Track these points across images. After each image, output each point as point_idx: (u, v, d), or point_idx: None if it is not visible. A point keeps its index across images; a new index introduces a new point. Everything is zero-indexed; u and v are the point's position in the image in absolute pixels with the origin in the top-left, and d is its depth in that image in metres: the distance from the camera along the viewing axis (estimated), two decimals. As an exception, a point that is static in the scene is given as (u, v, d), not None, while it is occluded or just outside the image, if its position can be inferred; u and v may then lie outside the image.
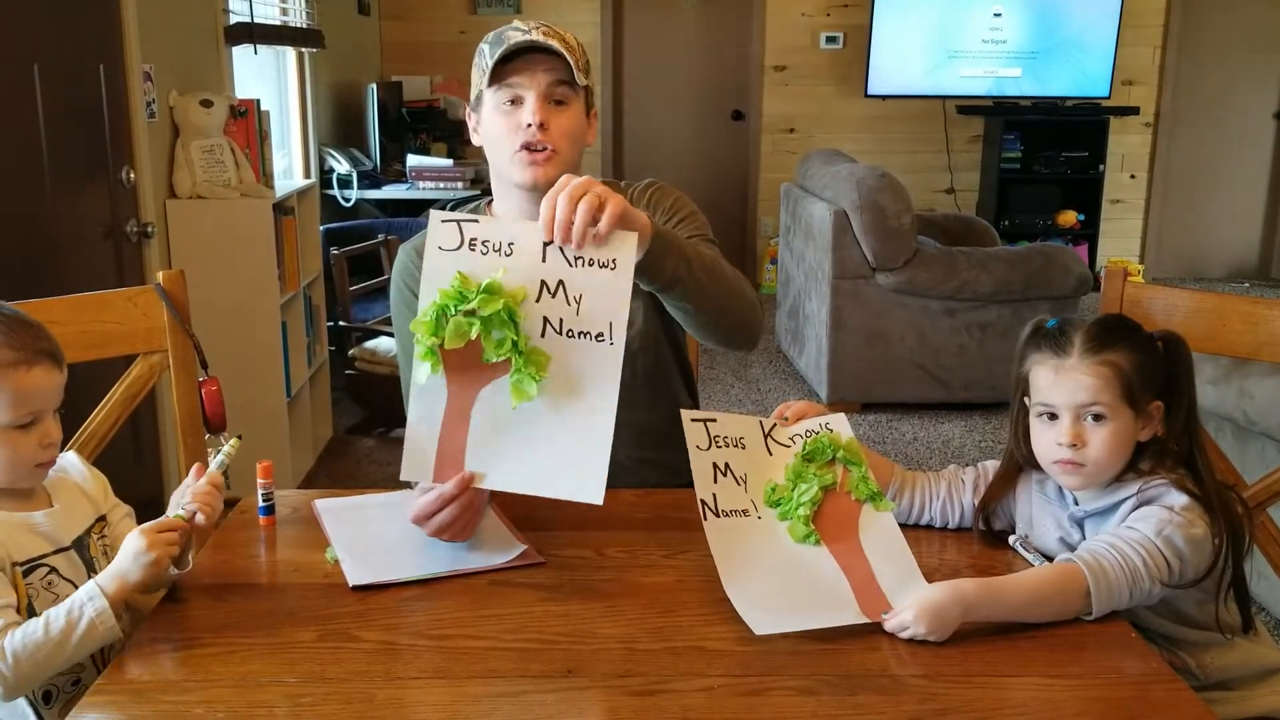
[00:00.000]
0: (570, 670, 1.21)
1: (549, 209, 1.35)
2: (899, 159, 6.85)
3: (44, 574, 1.31)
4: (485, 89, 1.65)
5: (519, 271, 1.36)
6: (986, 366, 4.54)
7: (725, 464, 1.44)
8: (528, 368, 1.35)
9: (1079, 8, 6.76)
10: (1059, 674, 1.22)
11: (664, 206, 1.80)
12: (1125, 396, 1.38)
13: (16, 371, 1.27)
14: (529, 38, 1.61)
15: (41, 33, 2.70)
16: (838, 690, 1.18)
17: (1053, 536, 1.47)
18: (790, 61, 7.04)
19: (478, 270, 1.36)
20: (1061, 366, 1.40)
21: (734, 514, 1.41)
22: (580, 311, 1.36)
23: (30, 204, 2.65)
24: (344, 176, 5.19)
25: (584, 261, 1.37)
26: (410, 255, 1.78)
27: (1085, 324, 1.43)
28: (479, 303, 1.33)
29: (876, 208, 4.38)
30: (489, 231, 1.38)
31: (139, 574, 1.25)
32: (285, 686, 1.18)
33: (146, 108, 3.17)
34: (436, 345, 1.36)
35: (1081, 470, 1.41)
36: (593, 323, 1.37)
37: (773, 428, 1.52)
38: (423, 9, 6.79)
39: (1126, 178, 7.31)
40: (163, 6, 3.32)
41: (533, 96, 1.62)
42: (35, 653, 1.20)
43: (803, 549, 1.41)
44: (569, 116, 1.66)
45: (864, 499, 1.47)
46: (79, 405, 1.70)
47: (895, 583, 1.36)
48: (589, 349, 1.37)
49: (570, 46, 1.64)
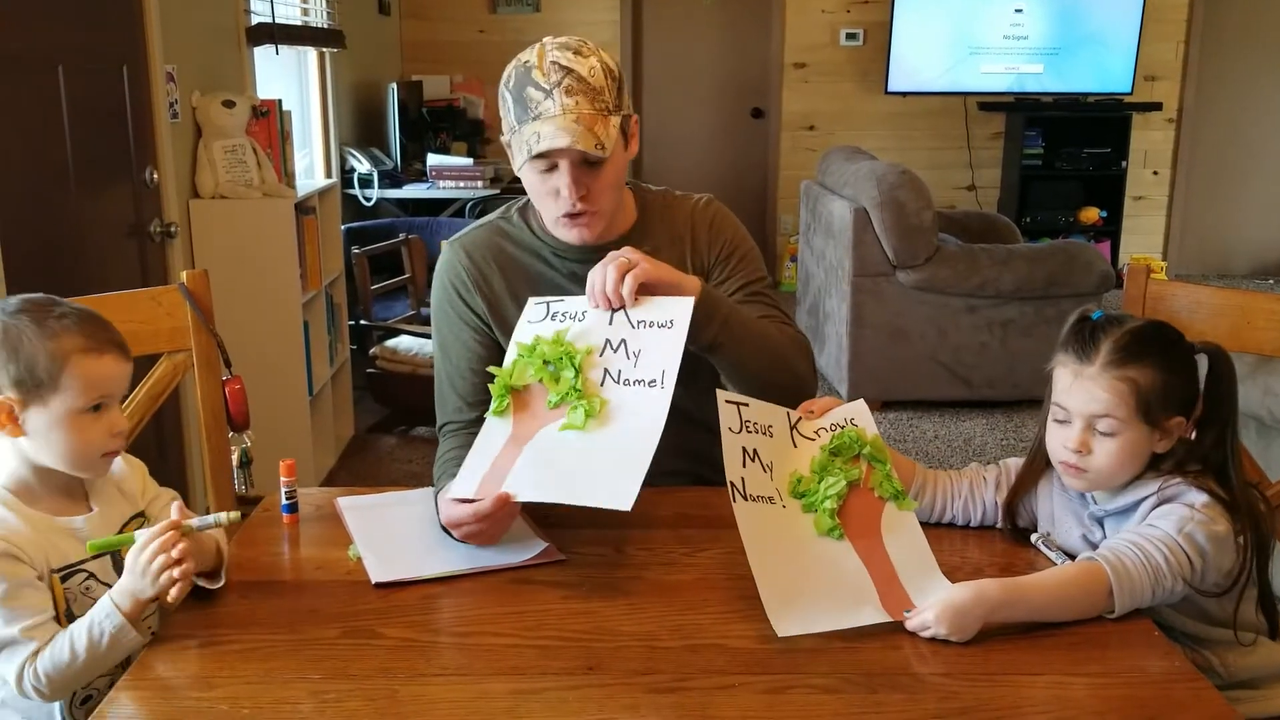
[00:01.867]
0: (591, 668, 1.22)
1: (594, 280, 1.51)
2: (920, 156, 6.82)
3: (82, 579, 1.33)
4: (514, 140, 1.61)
5: (589, 333, 1.52)
6: (1008, 364, 4.52)
7: (754, 449, 1.45)
8: (583, 402, 1.46)
9: (1101, 3, 6.72)
10: (1081, 672, 1.21)
11: (724, 238, 1.77)
12: (1139, 413, 1.36)
13: (86, 358, 1.29)
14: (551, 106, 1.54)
15: (65, 35, 2.72)
16: (859, 688, 1.18)
17: (1075, 534, 1.46)
18: (810, 59, 7.02)
19: (553, 332, 1.53)
20: (1081, 373, 1.39)
21: (761, 500, 1.41)
22: (638, 364, 1.49)
23: (55, 204, 2.68)
24: (365, 176, 5.21)
25: (645, 324, 1.51)
26: (457, 252, 1.75)
27: (1119, 332, 1.39)
28: (545, 347, 1.51)
29: (897, 205, 4.36)
30: (569, 306, 1.56)
31: (150, 590, 1.25)
32: (309, 683, 1.19)
33: (169, 108, 3.20)
34: (508, 390, 1.51)
35: (1084, 475, 1.41)
36: (647, 371, 1.48)
37: (798, 421, 1.53)
38: (443, 8, 6.80)
39: (1149, 174, 7.26)
40: (185, 8, 3.34)
41: (566, 165, 1.58)
42: (65, 670, 1.24)
43: (826, 542, 1.41)
44: (606, 172, 1.61)
45: (887, 497, 1.47)
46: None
47: (917, 581, 1.36)
48: (642, 393, 1.46)
49: (596, 90, 1.56)
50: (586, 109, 1.55)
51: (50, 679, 1.24)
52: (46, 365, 1.27)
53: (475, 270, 1.73)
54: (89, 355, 1.29)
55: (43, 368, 1.27)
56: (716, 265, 1.76)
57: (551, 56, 1.57)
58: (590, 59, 1.58)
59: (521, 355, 1.52)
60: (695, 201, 1.80)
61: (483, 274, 1.73)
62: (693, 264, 1.75)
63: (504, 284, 1.72)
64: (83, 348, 1.29)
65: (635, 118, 1.68)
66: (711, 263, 1.76)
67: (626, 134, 1.64)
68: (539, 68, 1.57)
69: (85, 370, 1.29)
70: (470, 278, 1.72)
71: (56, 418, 1.29)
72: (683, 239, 1.76)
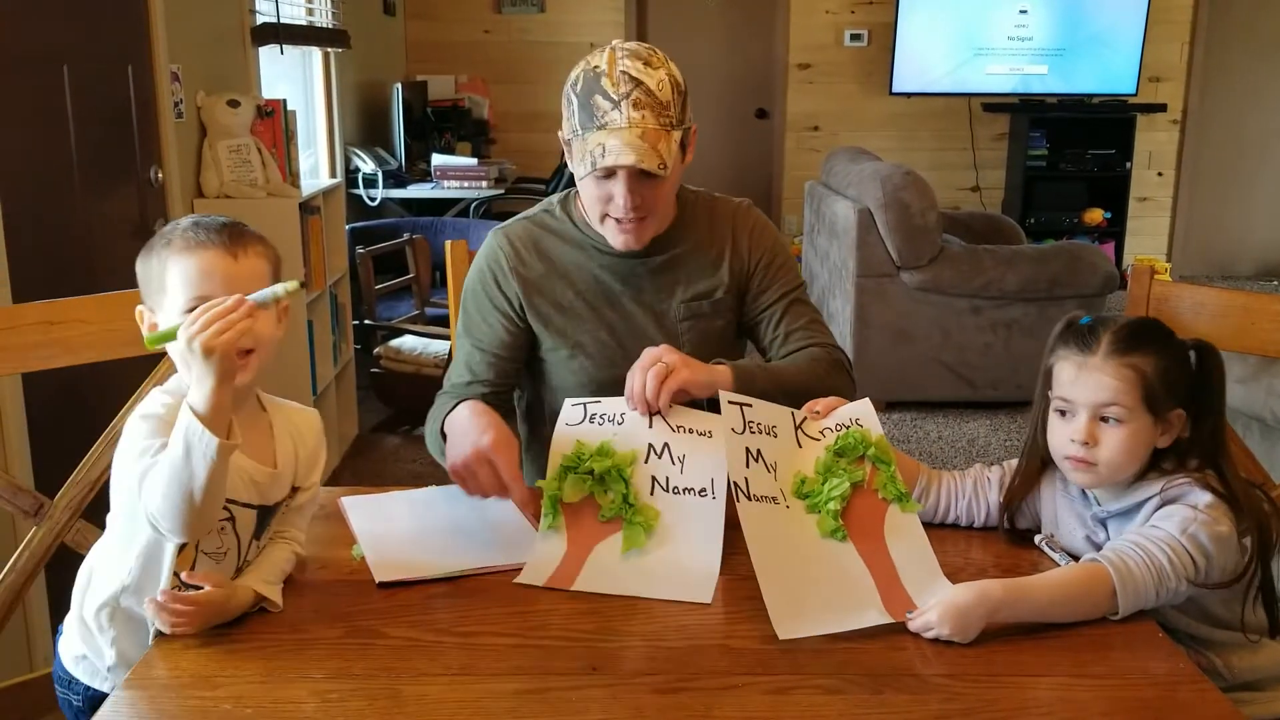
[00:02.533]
0: (594, 668, 1.22)
1: (633, 384, 1.53)
2: (924, 157, 6.83)
3: (224, 518, 1.31)
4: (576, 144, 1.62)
5: (630, 438, 1.52)
6: (1012, 365, 4.51)
7: (758, 450, 1.45)
8: (638, 518, 1.46)
9: (1106, 4, 6.71)
10: (1085, 674, 1.21)
11: (765, 245, 1.81)
12: (1145, 401, 1.37)
13: (181, 256, 1.28)
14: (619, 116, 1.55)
15: (70, 34, 2.73)
16: (863, 689, 1.17)
17: (1078, 535, 1.46)
18: (814, 59, 7.02)
19: (595, 439, 1.52)
20: (1085, 364, 1.40)
21: (765, 500, 1.41)
22: (684, 470, 1.49)
23: (60, 203, 2.68)
24: (369, 176, 5.21)
25: (684, 430, 1.52)
26: (499, 238, 1.78)
27: (1116, 324, 1.41)
28: (593, 461, 1.48)
29: (901, 206, 4.36)
30: (607, 408, 1.56)
31: (211, 376, 1.17)
32: (312, 683, 1.19)
33: (174, 108, 3.20)
34: (557, 498, 1.48)
35: (1092, 469, 1.40)
36: (696, 479, 1.49)
37: (803, 420, 1.53)
38: (447, 8, 6.80)
39: (1154, 175, 7.25)
40: (190, 7, 3.35)
41: (624, 176, 1.60)
42: (159, 487, 1.19)
43: (829, 543, 1.41)
44: (663, 186, 1.64)
45: (891, 499, 1.47)
46: (109, 401, 1.71)
47: (919, 583, 1.36)
48: (694, 504, 1.47)
49: (663, 104, 1.58)
50: (652, 124, 1.57)
51: (155, 500, 1.19)
52: (157, 271, 1.29)
53: (515, 255, 1.76)
54: (184, 254, 1.28)
55: (154, 273, 1.29)
56: (758, 271, 1.80)
57: (622, 66, 1.58)
58: (659, 71, 1.60)
59: (567, 466, 1.50)
60: (736, 205, 1.84)
61: (522, 260, 1.76)
62: (732, 266, 1.79)
63: (542, 271, 1.76)
64: (180, 248, 1.28)
65: (694, 128, 1.70)
66: (753, 268, 1.80)
67: (685, 146, 1.67)
68: (609, 75, 1.58)
69: (180, 269, 1.27)
70: (509, 262, 1.76)
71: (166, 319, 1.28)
72: (723, 240, 1.79)
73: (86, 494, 1.63)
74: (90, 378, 1.88)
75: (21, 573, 1.60)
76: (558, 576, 1.42)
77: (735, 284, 1.79)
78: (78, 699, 1.40)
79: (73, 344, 1.65)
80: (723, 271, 1.78)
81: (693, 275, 1.78)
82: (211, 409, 1.18)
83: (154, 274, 1.30)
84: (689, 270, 1.78)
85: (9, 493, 1.60)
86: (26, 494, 1.61)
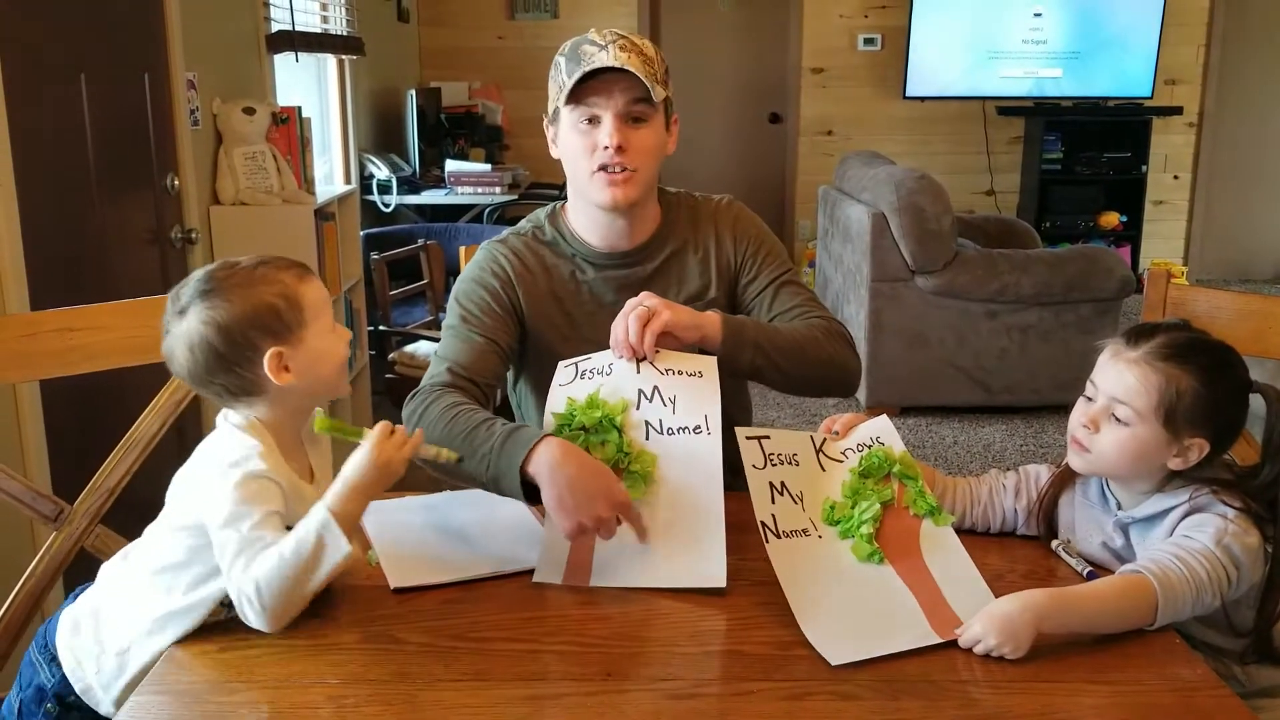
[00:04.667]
0: (610, 673, 1.22)
1: (616, 330, 1.52)
2: (938, 161, 6.81)
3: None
4: (562, 106, 1.65)
5: (619, 387, 1.50)
6: (1028, 369, 4.49)
7: (781, 482, 1.43)
8: (635, 466, 1.45)
9: (1121, 7, 6.69)
10: (1103, 680, 1.20)
11: (749, 235, 1.80)
12: (1160, 412, 1.34)
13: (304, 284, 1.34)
14: (605, 57, 1.60)
15: (88, 43, 2.74)
16: (879, 695, 1.17)
17: (1095, 541, 1.45)
18: (828, 63, 7.02)
19: (584, 394, 1.51)
20: (1120, 354, 1.38)
21: (795, 534, 1.39)
22: (676, 410, 1.48)
23: (77, 211, 2.70)
24: (384, 182, 5.23)
25: (673, 372, 1.50)
26: (502, 250, 1.77)
27: (1178, 333, 1.38)
28: (582, 416, 1.47)
29: (915, 210, 4.35)
30: (595, 361, 1.54)
31: (376, 489, 1.30)
32: (328, 688, 1.20)
33: (190, 115, 3.22)
34: None
35: (1085, 455, 1.39)
36: (688, 418, 1.47)
37: (823, 443, 1.50)
38: (461, 15, 6.82)
39: (1170, 178, 7.22)
40: (206, 16, 3.37)
41: (610, 117, 1.62)
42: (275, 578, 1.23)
43: (867, 568, 1.39)
44: (647, 134, 1.65)
45: (923, 514, 1.44)
46: (127, 408, 1.72)
47: (964, 599, 1.32)
48: (689, 443, 1.45)
49: (648, 58, 1.63)
50: (638, 66, 1.60)
51: (262, 587, 1.22)
52: (286, 308, 1.31)
53: (523, 268, 1.75)
54: (306, 281, 1.34)
55: (285, 311, 1.31)
56: (745, 262, 1.79)
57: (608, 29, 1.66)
58: (646, 42, 1.67)
59: (561, 426, 1.49)
60: (717, 203, 1.82)
61: (530, 272, 1.76)
62: (718, 264, 1.78)
63: (546, 287, 1.75)
64: (299, 277, 1.34)
65: (677, 117, 1.74)
66: (740, 261, 1.79)
67: (668, 120, 1.70)
68: (595, 33, 1.65)
69: (311, 294, 1.34)
70: (515, 272, 1.75)
71: (313, 347, 1.32)
72: (707, 239, 1.79)
73: (105, 500, 1.64)
74: (107, 384, 1.89)
75: (41, 578, 1.61)
76: (572, 569, 1.42)
77: (724, 281, 1.78)
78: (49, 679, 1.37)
79: (92, 351, 1.66)
80: (710, 271, 1.77)
81: (684, 279, 1.77)
82: (356, 519, 1.28)
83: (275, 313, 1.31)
84: (679, 274, 1.77)
85: (29, 498, 1.61)
86: (46, 499, 1.62)
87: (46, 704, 1.37)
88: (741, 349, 1.59)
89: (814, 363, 1.67)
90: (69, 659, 1.36)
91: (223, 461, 1.29)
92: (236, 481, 1.26)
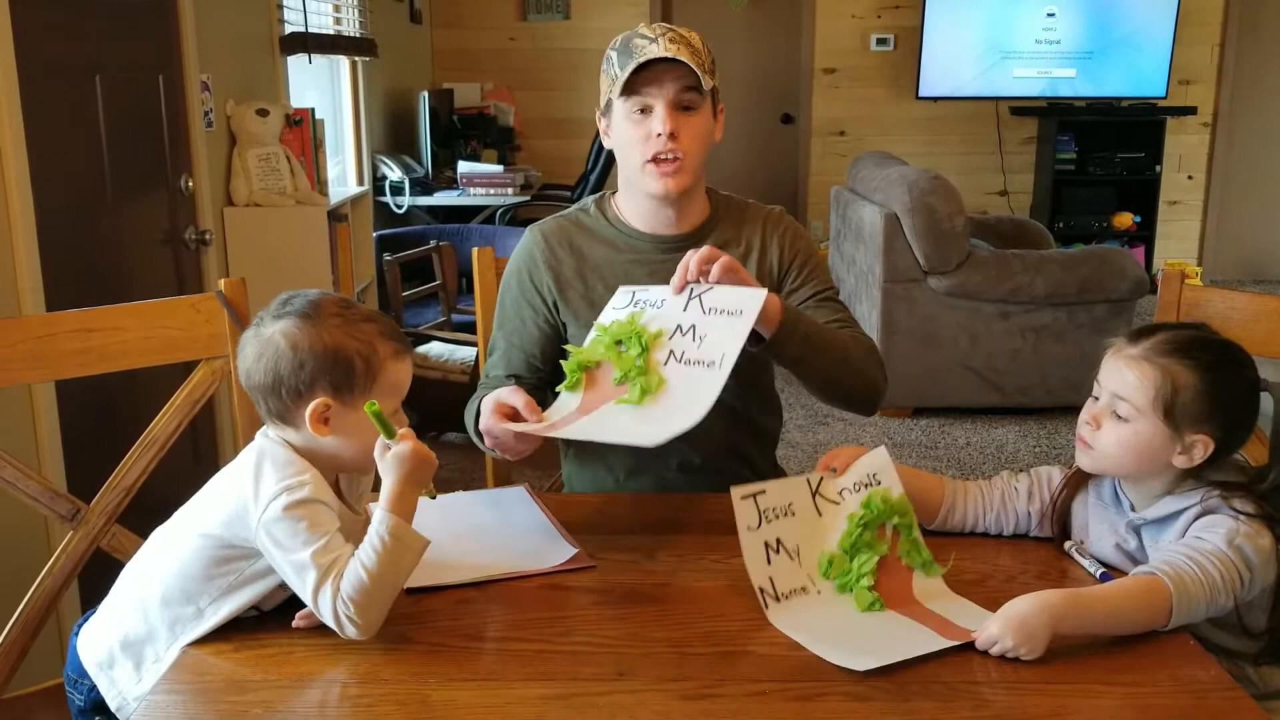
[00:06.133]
0: (621, 673, 1.22)
1: (681, 270, 1.56)
2: (951, 161, 6.79)
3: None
4: (615, 98, 1.70)
5: (662, 317, 1.57)
6: (1041, 370, 4.48)
7: (777, 539, 1.39)
8: (641, 378, 1.50)
9: (1135, 6, 6.67)
10: (1115, 681, 1.20)
11: (798, 247, 1.83)
12: (1160, 408, 1.33)
13: (397, 362, 1.32)
14: (656, 49, 1.65)
15: (102, 45, 2.76)
16: (891, 696, 1.17)
17: (1108, 543, 1.45)
18: (840, 64, 7.01)
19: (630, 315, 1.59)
20: (1121, 351, 1.38)
21: (794, 594, 1.37)
22: (701, 346, 1.52)
23: (92, 212, 2.71)
24: (396, 183, 5.25)
25: (716, 311, 1.54)
26: (534, 235, 1.83)
27: (1181, 330, 1.38)
28: (619, 329, 1.56)
29: (928, 210, 4.35)
30: (652, 294, 1.61)
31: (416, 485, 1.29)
32: (341, 687, 1.20)
33: (204, 117, 3.23)
34: (580, 367, 1.56)
35: (1090, 453, 1.40)
36: (708, 354, 1.51)
37: (820, 482, 1.46)
38: (473, 16, 6.84)
39: (1184, 178, 7.19)
40: (220, 18, 3.38)
41: (662, 105, 1.67)
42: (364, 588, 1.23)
43: (870, 615, 1.36)
44: (698, 121, 1.71)
45: (916, 566, 1.41)
46: (141, 408, 1.73)
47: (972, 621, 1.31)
48: (699, 373, 1.49)
49: (696, 49, 1.68)
50: (688, 55, 1.66)
51: (355, 601, 1.22)
52: (362, 369, 1.29)
53: (549, 252, 1.81)
54: (398, 359, 1.33)
55: (359, 376, 1.29)
56: (791, 271, 1.82)
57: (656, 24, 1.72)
58: (693, 34, 1.72)
59: (600, 335, 1.58)
60: (768, 210, 1.87)
61: (556, 256, 1.81)
62: (762, 266, 1.80)
63: (574, 268, 1.80)
64: (394, 352, 1.32)
65: (723, 106, 1.79)
66: (785, 268, 1.81)
67: (715, 109, 1.75)
68: (646, 27, 1.71)
69: (396, 374, 1.33)
70: (543, 258, 1.80)
71: (362, 420, 1.28)
72: (753, 243, 1.81)
73: (122, 499, 1.65)
74: (122, 384, 1.90)
75: (58, 577, 1.62)
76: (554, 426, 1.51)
77: (766, 284, 1.76)
78: (81, 699, 1.40)
79: (108, 351, 1.67)
80: (753, 270, 1.78)
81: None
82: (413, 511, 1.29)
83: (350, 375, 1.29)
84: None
85: (46, 497, 1.62)
86: (63, 499, 1.63)
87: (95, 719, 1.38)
88: (793, 334, 1.61)
89: (851, 373, 1.71)
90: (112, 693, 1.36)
91: (272, 485, 1.27)
92: (291, 508, 1.25)
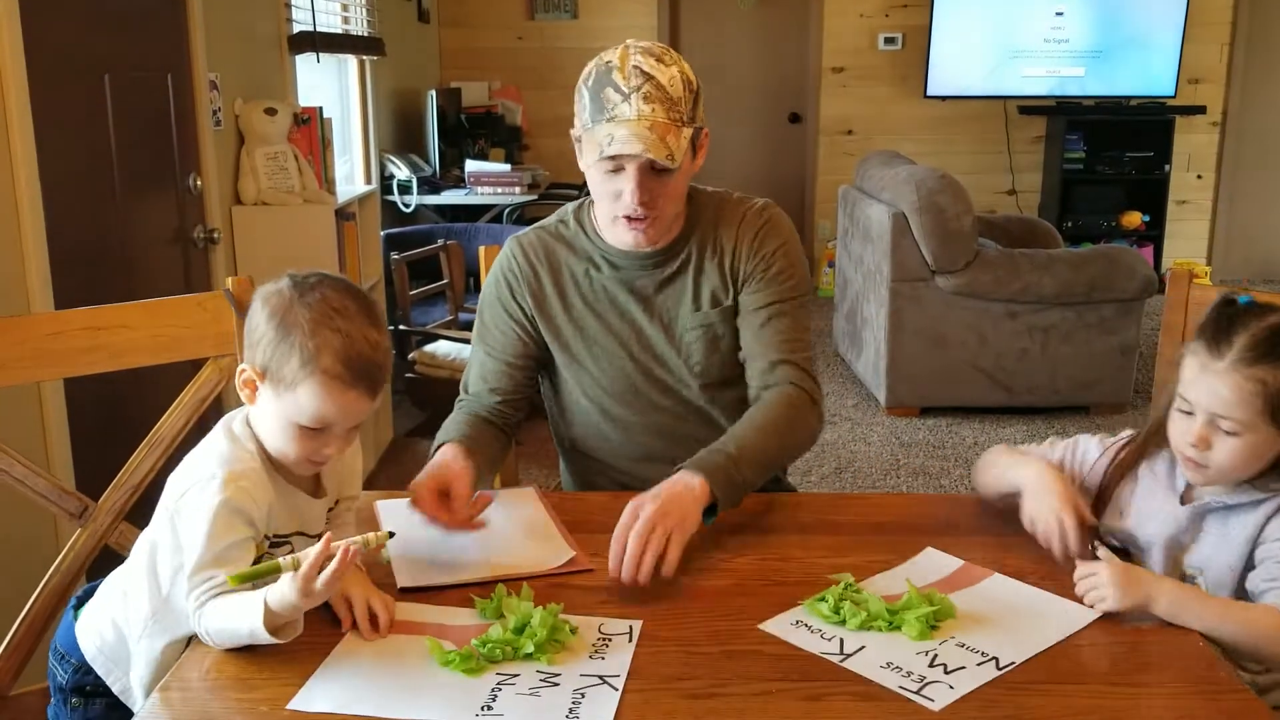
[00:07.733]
0: (628, 672, 1.22)
1: (618, 547, 1.38)
2: (959, 160, 6.78)
3: (285, 551, 1.33)
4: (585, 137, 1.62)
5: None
6: (1050, 370, 4.47)
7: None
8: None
9: (1144, 5, 6.65)
10: (1125, 682, 1.20)
11: (767, 250, 1.74)
12: (1267, 415, 1.31)
13: (331, 384, 1.24)
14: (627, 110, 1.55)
15: (111, 44, 2.77)
16: (898, 696, 1.17)
17: (1154, 522, 1.43)
18: (848, 63, 7.00)
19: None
20: (1208, 366, 1.34)
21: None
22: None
23: (101, 210, 2.72)
24: (404, 182, 5.25)
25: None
26: (513, 248, 1.80)
27: (1257, 326, 1.33)
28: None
29: (936, 209, 4.34)
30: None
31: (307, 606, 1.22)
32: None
33: (212, 116, 3.24)
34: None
35: (1204, 471, 1.37)
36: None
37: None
38: (481, 15, 6.84)
39: (1193, 178, 7.17)
40: (228, 17, 3.39)
41: (634, 168, 1.59)
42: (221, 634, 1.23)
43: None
44: (671, 183, 1.63)
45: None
46: (149, 406, 1.73)
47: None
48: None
49: (674, 100, 1.57)
50: (661, 118, 1.57)
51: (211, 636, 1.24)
52: (294, 370, 1.24)
53: (528, 267, 1.79)
54: (334, 383, 1.24)
55: (290, 369, 1.24)
56: (752, 276, 1.75)
57: (634, 60, 1.59)
58: (672, 68, 1.60)
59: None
60: (749, 207, 1.79)
61: (533, 269, 1.78)
62: (732, 267, 1.76)
63: (551, 281, 1.78)
64: (333, 373, 1.24)
65: (706, 131, 1.70)
66: (747, 273, 1.75)
67: (695, 146, 1.67)
68: (620, 70, 1.59)
69: (322, 395, 1.25)
70: (521, 274, 1.79)
71: (277, 413, 1.27)
72: (723, 246, 1.76)
73: (130, 497, 1.66)
74: (130, 382, 1.91)
75: (65, 574, 1.62)
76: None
77: (735, 288, 1.75)
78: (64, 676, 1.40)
79: (116, 349, 1.67)
80: (726, 275, 1.75)
81: (700, 283, 1.75)
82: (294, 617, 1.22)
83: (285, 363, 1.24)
84: (696, 279, 1.75)
85: (54, 495, 1.63)
86: (71, 496, 1.63)
87: (71, 700, 1.38)
88: (738, 494, 1.53)
89: (788, 456, 1.77)
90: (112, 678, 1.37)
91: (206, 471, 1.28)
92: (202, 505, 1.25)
